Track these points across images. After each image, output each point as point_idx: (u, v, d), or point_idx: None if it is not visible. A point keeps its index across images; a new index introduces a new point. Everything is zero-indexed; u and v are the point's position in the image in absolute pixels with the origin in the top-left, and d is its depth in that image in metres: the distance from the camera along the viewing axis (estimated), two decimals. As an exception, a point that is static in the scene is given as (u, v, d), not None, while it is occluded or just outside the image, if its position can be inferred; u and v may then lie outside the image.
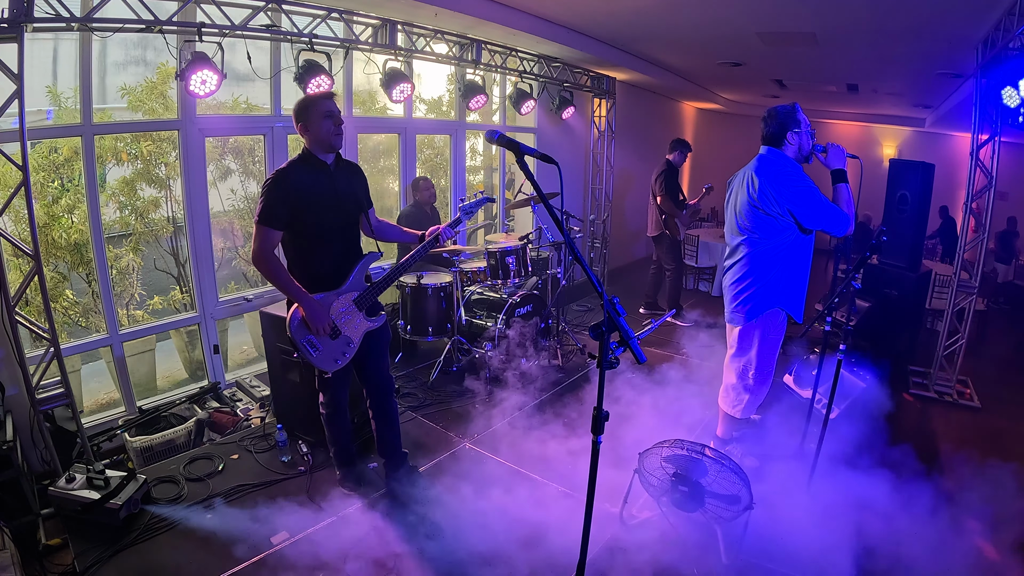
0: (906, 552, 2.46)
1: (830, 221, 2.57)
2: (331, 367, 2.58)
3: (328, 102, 2.45)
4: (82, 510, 2.56)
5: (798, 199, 2.56)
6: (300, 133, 2.48)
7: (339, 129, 2.46)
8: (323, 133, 2.43)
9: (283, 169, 2.44)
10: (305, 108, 2.43)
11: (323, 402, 2.80)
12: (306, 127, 2.44)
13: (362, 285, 2.62)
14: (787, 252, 2.66)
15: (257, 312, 3.62)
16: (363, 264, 2.62)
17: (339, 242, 2.56)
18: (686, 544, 2.50)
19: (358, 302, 2.59)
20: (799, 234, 2.65)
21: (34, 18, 2.71)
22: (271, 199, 2.36)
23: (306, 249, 2.50)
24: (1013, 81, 3.62)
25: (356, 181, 2.65)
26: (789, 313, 2.75)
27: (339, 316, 2.54)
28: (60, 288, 4.44)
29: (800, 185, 2.57)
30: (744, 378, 2.86)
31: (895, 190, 4.91)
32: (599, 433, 1.53)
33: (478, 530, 2.60)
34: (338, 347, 2.56)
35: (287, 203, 2.37)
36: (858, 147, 10.26)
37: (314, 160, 2.48)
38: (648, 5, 4.41)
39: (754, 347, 2.79)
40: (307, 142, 2.48)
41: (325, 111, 2.42)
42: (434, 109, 7.20)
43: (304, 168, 2.46)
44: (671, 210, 5.64)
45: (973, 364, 4.50)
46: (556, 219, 1.53)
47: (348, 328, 2.57)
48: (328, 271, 2.54)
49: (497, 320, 4.18)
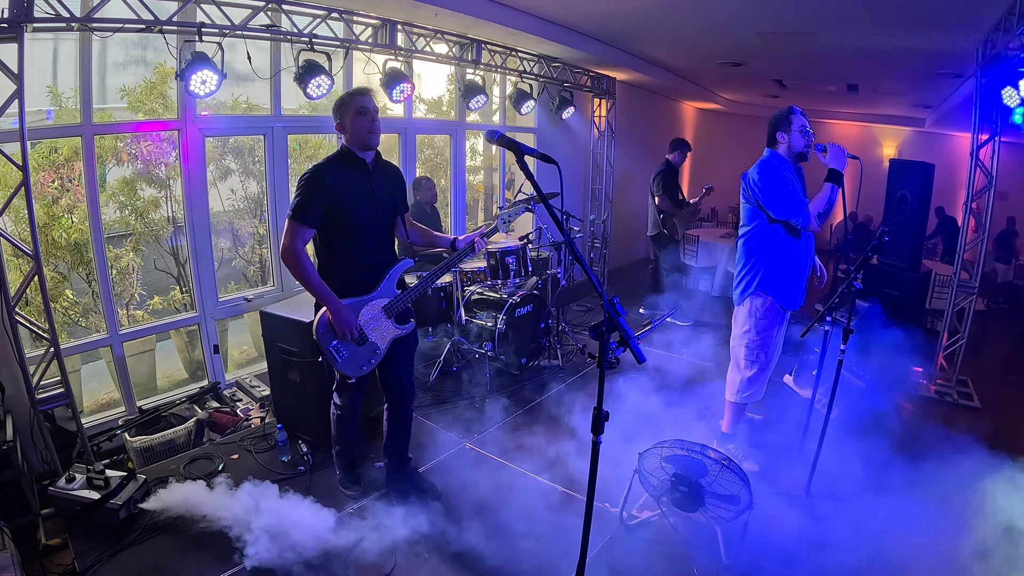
0: (906, 552, 2.46)
1: (791, 212, 2.71)
2: (356, 373, 2.51)
3: (362, 98, 2.38)
4: (82, 510, 2.56)
5: (764, 190, 2.76)
6: (338, 131, 2.43)
7: (373, 127, 2.39)
8: (358, 131, 2.37)
9: (320, 165, 2.39)
10: (340, 106, 2.39)
11: (338, 403, 2.74)
12: (342, 125, 2.40)
13: (393, 292, 2.55)
14: (772, 240, 2.83)
15: (257, 312, 3.62)
16: (396, 270, 2.56)
17: (373, 245, 2.49)
18: (686, 544, 2.50)
19: (387, 309, 2.52)
20: (774, 224, 2.79)
21: (34, 18, 2.71)
22: (306, 195, 2.30)
23: (338, 250, 2.44)
24: (1013, 81, 3.62)
25: (394, 183, 2.58)
26: (773, 297, 2.86)
27: (367, 322, 2.47)
28: (60, 288, 4.44)
29: (771, 177, 2.75)
30: (736, 358, 3.04)
31: (895, 190, 4.92)
32: (599, 433, 1.53)
33: (478, 530, 2.60)
34: (364, 354, 2.49)
35: (322, 200, 2.31)
36: (858, 147, 10.28)
37: (352, 158, 2.43)
38: (648, 5, 4.41)
39: (746, 327, 2.95)
40: (345, 140, 2.44)
41: (359, 107, 2.36)
42: (434, 109, 7.20)
43: (342, 166, 2.41)
44: (669, 210, 5.64)
45: (973, 364, 4.50)
46: (556, 219, 1.53)
47: (376, 335, 2.50)
48: (360, 275, 2.48)
49: (497, 320, 4.18)
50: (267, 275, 5.10)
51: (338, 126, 2.42)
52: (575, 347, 5.04)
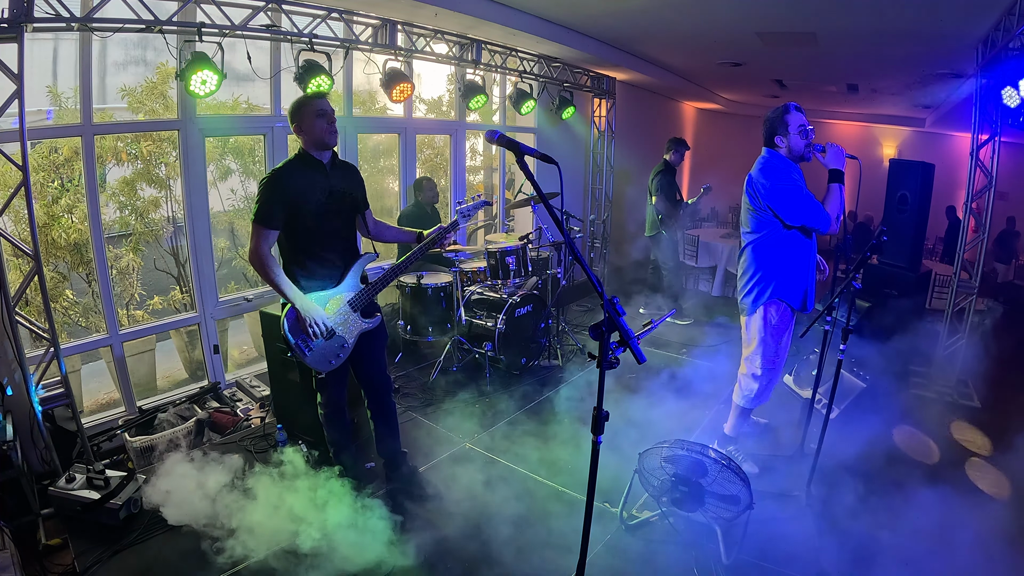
0: (906, 552, 2.46)
1: (810, 217, 2.64)
2: (325, 367, 2.58)
3: (319, 101, 2.46)
4: (82, 510, 2.56)
5: (777, 196, 2.66)
6: (296, 134, 2.50)
7: (333, 127, 2.47)
8: (317, 132, 2.44)
9: (279, 169, 2.46)
10: (298, 109, 2.46)
11: (321, 402, 2.80)
12: (300, 127, 2.46)
13: (357, 286, 2.62)
14: (782, 244, 2.75)
15: (257, 312, 3.62)
16: (359, 264, 2.62)
17: (335, 242, 2.56)
18: (686, 544, 2.50)
19: (353, 303, 2.59)
20: (790, 230, 2.72)
21: (34, 18, 2.71)
22: (267, 199, 2.37)
23: (302, 249, 2.50)
24: (1013, 81, 3.62)
25: (353, 181, 2.65)
26: (788, 303, 2.81)
27: (333, 316, 2.53)
28: (60, 288, 4.45)
29: (781, 182, 2.66)
30: (752, 367, 2.95)
31: (895, 190, 4.91)
32: (599, 433, 1.53)
33: (478, 530, 2.61)
34: (332, 348, 2.55)
35: (283, 203, 2.38)
36: (858, 147, 10.28)
37: (310, 159, 2.49)
38: (648, 5, 4.41)
39: (759, 336, 2.87)
40: (303, 142, 2.50)
41: (317, 110, 2.43)
42: (434, 109, 7.21)
43: (300, 167, 2.47)
44: (667, 210, 5.64)
45: (973, 364, 4.50)
46: (556, 219, 1.53)
47: (342, 329, 2.56)
48: (324, 271, 2.54)
49: (497, 320, 4.18)
50: (267, 275, 5.09)
51: (295, 128, 2.48)
52: (575, 347, 5.04)
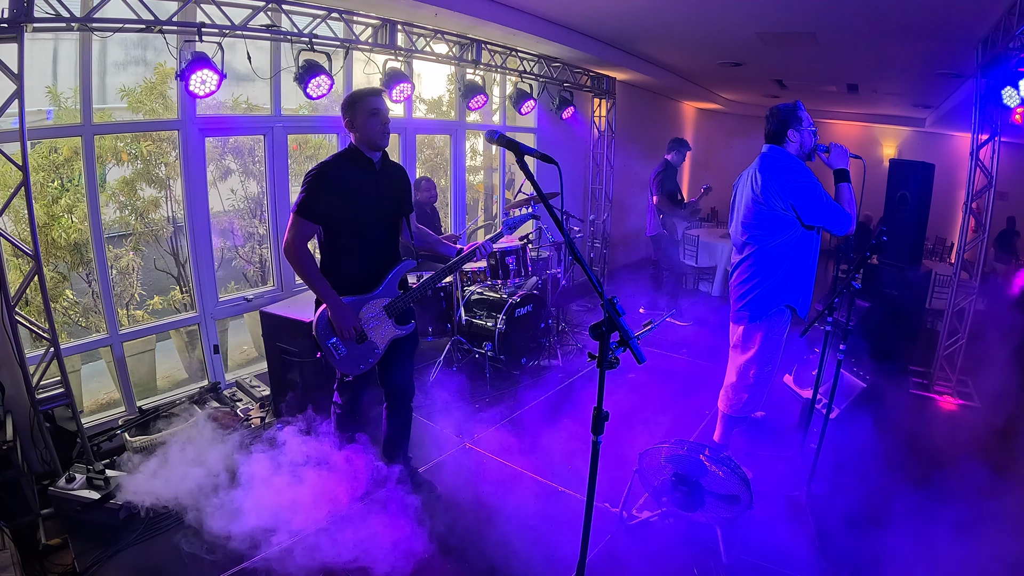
0: (906, 552, 2.46)
1: (831, 218, 2.57)
2: (354, 371, 2.52)
3: (375, 99, 2.38)
4: (82, 510, 2.56)
5: (800, 193, 2.56)
6: (347, 129, 2.43)
7: (386, 128, 2.40)
8: (369, 131, 2.37)
9: (327, 162, 2.39)
10: (351, 104, 2.38)
11: (339, 403, 2.73)
12: (352, 123, 2.40)
13: (395, 292, 2.55)
14: (792, 248, 2.66)
15: (257, 312, 3.62)
16: (398, 270, 2.56)
17: (376, 244, 2.50)
18: (686, 544, 2.50)
19: (388, 309, 2.52)
20: (803, 230, 2.65)
21: (34, 18, 2.70)
22: (311, 192, 2.30)
23: (341, 248, 2.44)
24: (1013, 81, 3.62)
25: (400, 184, 2.58)
26: (795, 308, 2.73)
27: (367, 321, 2.47)
28: (60, 288, 4.45)
29: (803, 180, 2.57)
30: (745, 377, 2.85)
31: (895, 190, 4.91)
32: (599, 433, 1.53)
33: (478, 530, 2.61)
34: (363, 352, 2.49)
35: (327, 198, 2.32)
36: (858, 147, 10.18)
37: (360, 156, 2.42)
38: (648, 5, 4.41)
39: (757, 345, 2.78)
40: (354, 138, 2.43)
41: (371, 108, 2.36)
42: (434, 109, 7.21)
43: (349, 164, 2.41)
44: (668, 210, 5.64)
45: (973, 364, 4.50)
46: (556, 219, 1.53)
47: (375, 334, 2.50)
48: (362, 273, 2.48)
49: (497, 320, 4.18)
50: (267, 275, 5.10)
51: (347, 123, 2.41)
52: (575, 347, 5.04)
